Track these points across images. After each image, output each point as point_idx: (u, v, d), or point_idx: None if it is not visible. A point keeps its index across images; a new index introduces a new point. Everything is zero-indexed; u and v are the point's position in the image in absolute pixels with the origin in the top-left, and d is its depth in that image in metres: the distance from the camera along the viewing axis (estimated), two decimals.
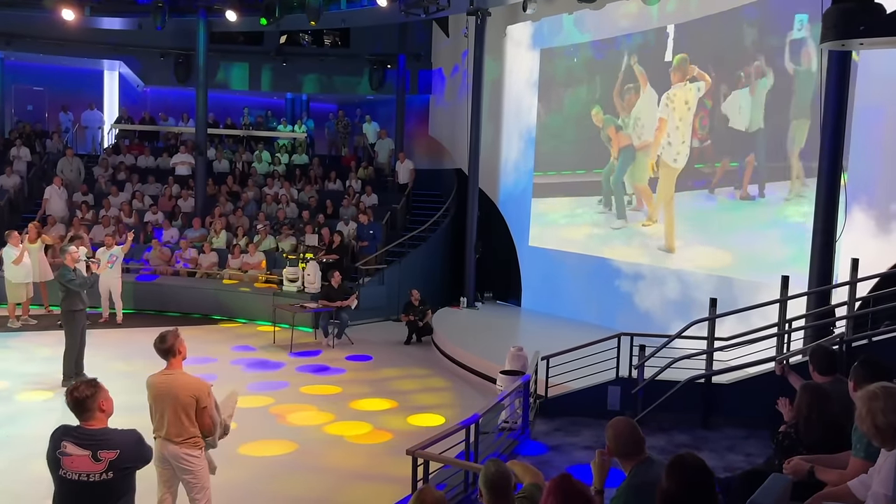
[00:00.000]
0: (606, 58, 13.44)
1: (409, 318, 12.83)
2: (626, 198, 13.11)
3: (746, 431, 7.20)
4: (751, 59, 10.78)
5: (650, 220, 12.64)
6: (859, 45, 2.50)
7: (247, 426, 8.28)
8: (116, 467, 3.65)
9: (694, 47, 11.75)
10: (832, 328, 7.76)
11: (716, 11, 11.34)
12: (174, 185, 17.10)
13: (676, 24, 12.04)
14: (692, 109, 11.68)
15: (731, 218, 11.10)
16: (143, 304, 13.96)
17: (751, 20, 10.82)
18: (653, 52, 12.49)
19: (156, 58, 19.03)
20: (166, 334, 4.85)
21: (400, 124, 18.48)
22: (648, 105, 12.55)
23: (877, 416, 3.07)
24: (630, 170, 12.96)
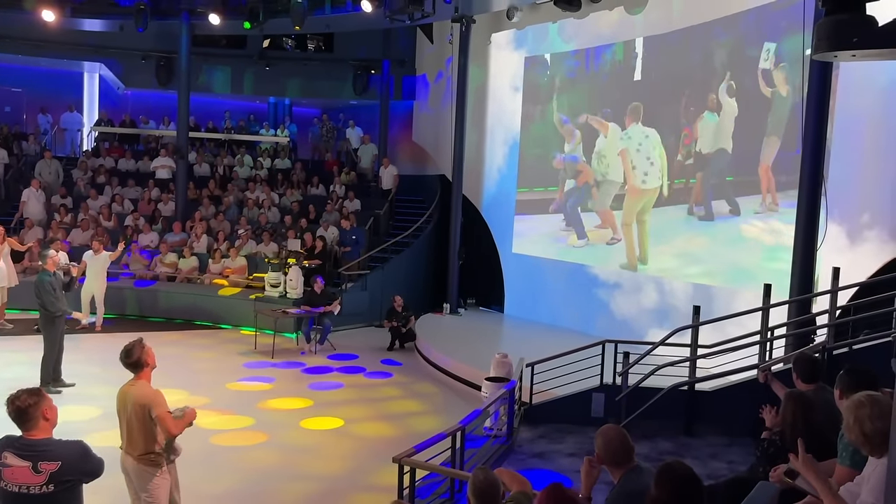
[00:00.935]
0: (591, 67, 13.52)
1: (392, 323, 12.79)
2: (586, 216, 13.47)
3: (729, 439, 7.25)
4: (720, 77, 10.95)
5: (616, 238, 12.89)
6: (851, 56, 2.53)
7: (228, 434, 8.20)
8: (57, 480, 3.49)
9: (666, 63, 11.87)
10: (813, 336, 7.85)
11: (688, 25, 11.46)
12: (154, 188, 16.93)
13: (647, 37, 12.17)
14: (651, 137, 12.07)
15: (707, 231, 11.20)
16: (122, 310, 13.80)
17: (722, 39, 10.94)
18: (627, 67, 12.60)
19: (137, 60, 18.85)
20: (131, 347, 4.63)
21: (383, 130, 18.47)
22: (610, 146, 12.93)
23: (864, 424, 3.09)
24: (595, 199, 13.27)
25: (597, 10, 12.80)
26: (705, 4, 11.22)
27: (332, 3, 14.58)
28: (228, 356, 11.54)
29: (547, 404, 7.99)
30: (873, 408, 3.10)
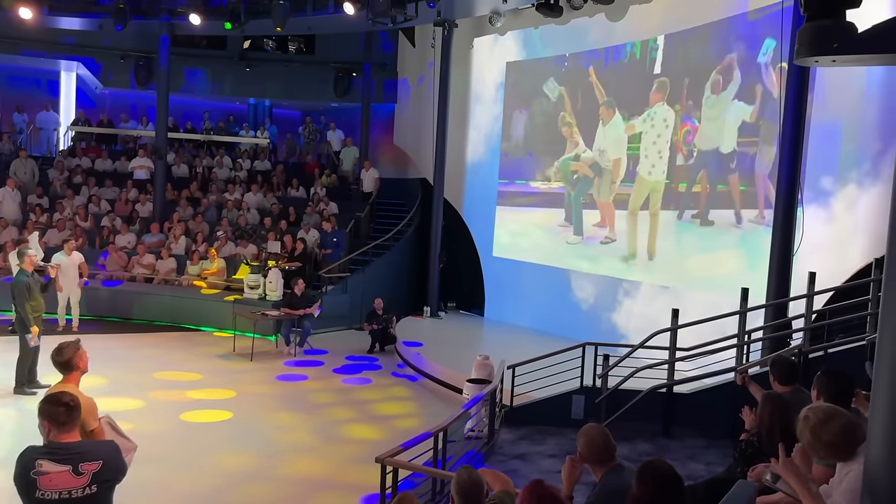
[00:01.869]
0: (572, 72, 13.63)
1: (372, 326, 12.77)
2: (586, 212, 13.29)
3: (706, 441, 7.34)
4: (717, 80, 11.06)
5: (609, 238, 12.86)
6: (832, 61, 2.59)
7: (208, 436, 8.14)
8: (100, 480, 3.43)
9: (646, 68, 12.01)
10: (789, 340, 7.97)
11: (670, 31, 11.60)
12: (132, 189, 16.76)
13: (628, 43, 12.29)
14: (671, 127, 11.74)
15: (694, 235, 11.32)
16: (99, 311, 13.64)
17: (713, 39, 11.09)
18: (620, 68, 12.72)
19: (115, 60, 18.65)
20: (64, 346, 4.31)
21: (365, 132, 18.44)
22: (613, 135, 12.79)
23: (821, 434, 3.14)
24: (596, 186, 13.15)
25: (578, 17, 12.91)
26: (686, 11, 11.36)
27: (315, 5, 14.55)
28: (206, 359, 11.44)
29: (528, 406, 8.04)
30: (818, 413, 3.15)
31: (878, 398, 2.52)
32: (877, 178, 8.63)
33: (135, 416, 8.58)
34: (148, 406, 8.99)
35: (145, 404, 9.03)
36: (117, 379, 9.69)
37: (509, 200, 14.85)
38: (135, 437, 4.41)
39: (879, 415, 2.50)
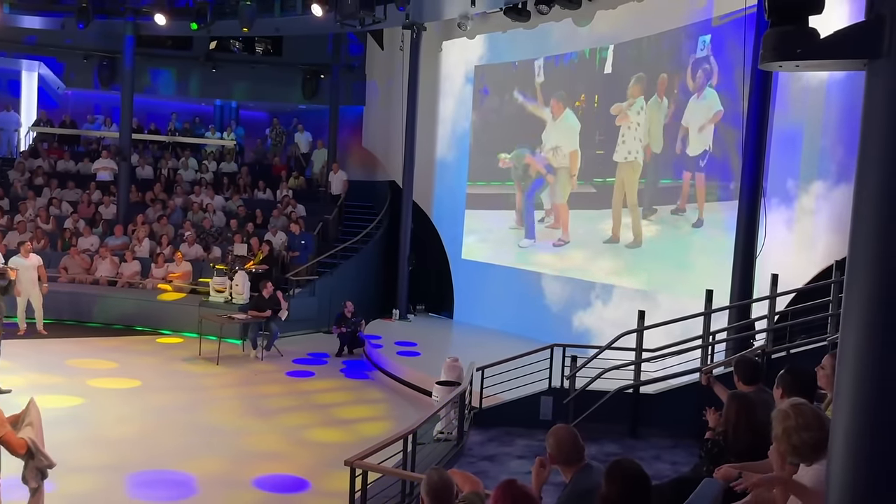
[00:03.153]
0: (540, 76, 13.73)
1: (341, 329, 12.69)
2: (539, 213, 13.51)
3: (672, 441, 7.43)
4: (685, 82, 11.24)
5: (563, 240, 13.02)
6: (795, 66, 2.64)
7: (173, 441, 8.03)
8: None
9: (612, 73, 12.15)
10: (752, 340, 8.11)
11: (648, 34, 11.76)
12: (95, 191, 16.45)
13: (593, 49, 12.43)
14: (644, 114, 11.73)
15: (664, 235, 11.47)
16: (60, 315, 13.34)
17: (672, 44, 11.26)
18: (579, 71, 12.85)
19: (79, 59, 18.28)
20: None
21: (333, 135, 18.32)
22: (565, 131, 12.98)
23: (792, 436, 3.18)
24: (550, 188, 13.29)
25: (545, 21, 13.02)
26: (652, 17, 11.52)
27: (282, 7, 14.44)
28: (170, 363, 11.27)
29: (496, 408, 8.06)
30: (798, 419, 3.18)
31: (840, 398, 2.58)
32: (839, 181, 8.83)
33: (96, 421, 8.43)
34: (111, 410, 8.82)
35: (107, 409, 8.86)
36: (74, 383, 9.51)
37: (478, 203, 14.90)
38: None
39: (841, 414, 2.56)
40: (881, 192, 2.43)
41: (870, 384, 2.45)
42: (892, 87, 2.41)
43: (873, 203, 2.45)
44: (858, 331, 2.49)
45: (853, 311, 2.52)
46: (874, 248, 2.45)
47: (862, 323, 2.48)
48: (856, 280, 2.52)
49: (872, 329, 2.45)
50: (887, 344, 2.42)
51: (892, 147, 2.41)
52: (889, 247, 2.41)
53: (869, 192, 2.47)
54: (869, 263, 2.47)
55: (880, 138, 2.44)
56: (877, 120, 2.45)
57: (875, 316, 2.44)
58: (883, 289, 2.43)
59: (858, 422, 2.48)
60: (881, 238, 2.43)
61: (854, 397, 2.49)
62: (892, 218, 2.41)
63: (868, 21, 2.45)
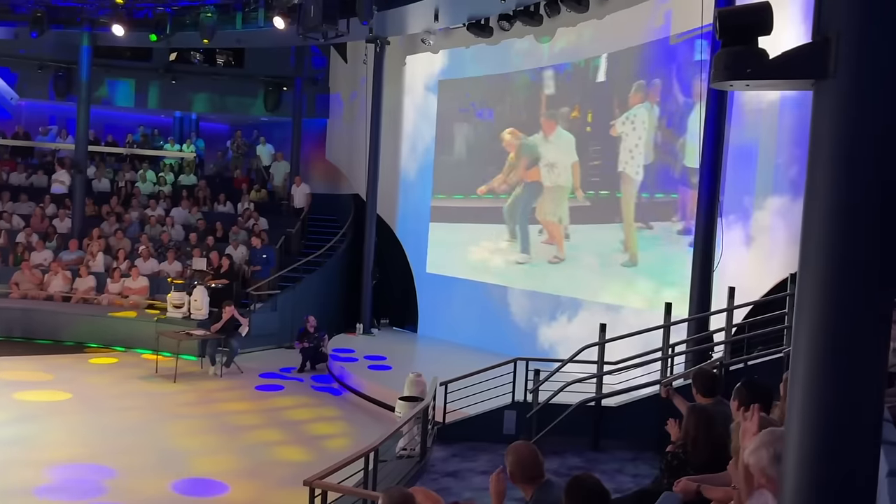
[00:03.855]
0: (503, 91, 13.84)
1: (303, 344, 12.54)
2: (534, 227, 13.08)
3: (633, 453, 7.47)
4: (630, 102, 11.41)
5: (557, 257, 12.64)
6: (746, 86, 2.69)
7: (122, 462, 7.81)
8: None
9: (573, 90, 12.31)
10: (711, 353, 8.23)
11: (612, 51, 11.93)
12: (50, 204, 16.06)
13: (555, 65, 12.58)
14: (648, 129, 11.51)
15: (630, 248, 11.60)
16: (9, 332, 12.95)
17: (637, 62, 11.45)
18: (536, 92, 12.98)
19: (33, 70, 17.88)
20: None
21: (296, 147, 18.19)
22: (562, 148, 12.60)
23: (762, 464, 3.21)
24: (538, 204, 13.01)
25: (508, 38, 13.13)
26: (611, 35, 11.69)
27: (244, 19, 14.32)
28: (126, 381, 11.00)
29: (460, 423, 8.02)
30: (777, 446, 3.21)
31: (792, 408, 2.62)
32: (796, 194, 9.01)
33: (36, 443, 8.18)
34: (57, 431, 8.57)
35: (53, 429, 8.60)
36: (14, 404, 9.23)
37: (443, 216, 14.89)
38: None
39: (794, 425, 2.59)
40: (828, 209, 2.48)
41: (818, 393, 2.51)
42: (838, 107, 2.46)
43: (821, 220, 2.50)
44: (808, 342, 2.54)
45: (803, 323, 2.56)
46: (823, 264, 2.50)
47: (811, 335, 2.53)
48: (806, 294, 2.56)
49: (821, 341, 2.50)
50: (835, 355, 2.47)
51: (838, 165, 2.46)
52: (837, 262, 2.46)
53: (817, 209, 2.52)
54: (818, 278, 2.51)
55: (827, 157, 2.49)
56: (824, 139, 2.50)
57: (823, 329, 2.49)
58: (831, 302, 2.48)
59: (809, 428, 2.53)
60: (829, 254, 2.48)
61: (805, 405, 2.54)
62: (839, 234, 2.46)
63: (815, 42, 2.51)
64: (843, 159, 2.45)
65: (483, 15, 12.66)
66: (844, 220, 2.44)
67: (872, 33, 2.43)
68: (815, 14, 2.55)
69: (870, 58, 2.43)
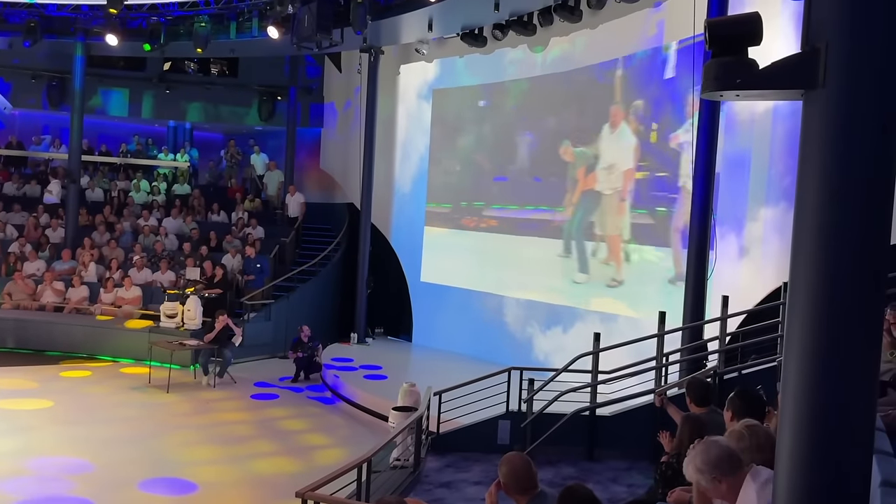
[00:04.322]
0: (496, 101, 13.87)
1: (297, 354, 12.49)
2: (590, 246, 12.02)
3: (628, 463, 7.45)
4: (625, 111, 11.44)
5: (616, 280, 11.46)
6: (735, 96, 2.69)
7: (114, 474, 7.75)
8: None
9: (564, 100, 12.35)
10: (705, 362, 8.22)
11: (588, 63, 11.97)
12: (43, 214, 16.00)
13: (548, 74, 12.62)
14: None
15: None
16: (3, 342, 12.87)
17: (629, 70, 11.49)
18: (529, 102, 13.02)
19: (26, 79, 17.87)
20: None
21: (290, 156, 18.19)
22: (620, 146, 11.43)
23: (745, 457, 3.21)
24: (597, 217, 11.90)
25: (501, 47, 13.17)
26: (604, 44, 11.74)
27: (238, 29, 14.33)
28: (120, 392, 10.94)
29: (454, 433, 7.99)
30: (752, 440, 3.22)
31: (785, 416, 2.61)
32: (790, 204, 9.03)
33: (28, 453, 8.12)
34: (50, 441, 8.51)
35: (46, 439, 8.54)
36: (13, 414, 9.17)
37: (438, 224, 14.88)
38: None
39: (786, 433, 2.59)
40: (818, 217, 2.48)
41: (809, 401, 2.51)
42: (827, 117, 2.47)
43: (811, 228, 2.51)
44: (799, 350, 2.54)
45: (794, 332, 2.56)
46: (813, 274, 2.50)
47: (802, 343, 2.53)
48: (796, 304, 2.56)
49: (812, 348, 2.50)
50: (826, 364, 2.47)
51: (828, 175, 2.47)
52: (826, 271, 2.46)
53: (807, 218, 2.52)
54: (808, 288, 2.51)
55: (817, 166, 2.50)
56: (813, 148, 2.51)
57: (814, 337, 2.49)
58: (822, 311, 2.48)
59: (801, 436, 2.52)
60: (819, 264, 2.48)
61: (798, 413, 2.54)
62: (828, 244, 2.46)
63: (804, 52, 2.52)
64: (833, 169, 2.46)
65: (477, 25, 12.70)
66: (833, 229, 2.44)
67: (861, 43, 2.44)
68: (803, 24, 2.56)
69: (859, 67, 2.43)
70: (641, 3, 10.73)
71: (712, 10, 8.32)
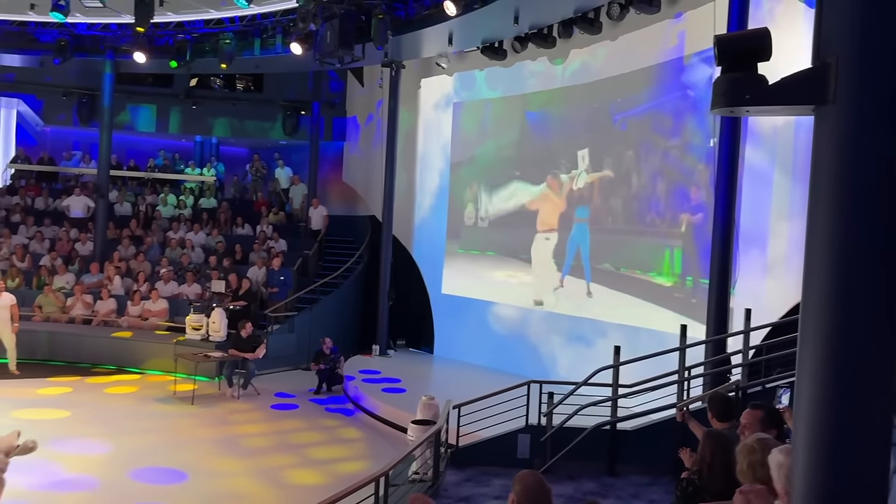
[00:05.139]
0: (514, 113, 13.90)
1: (319, 366, 12.56)
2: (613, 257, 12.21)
3: (650, 478, 7.37)
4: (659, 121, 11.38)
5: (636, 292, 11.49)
6: (745, 112, 2.69)
7: (142, 485, 7.85)
8: None
9: (586, 112, 12.32)
10: (729, 375, 8.11)
11: (607, 76, 11.95)
12: (73, 228, 16.32)
13: (567, 87, 12.61)
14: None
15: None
16: (34, 353, 13.11)
17: (653, 81, 11.45)
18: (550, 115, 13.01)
19: (58, 97, 18.30)
20: None
21: (313, 170, 18.38)
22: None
23: (757, 470, 3.17)
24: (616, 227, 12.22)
25: (521, 59, 13.20)
26: (624, 56, 11.71)
27: (262, 45, 14.54)
28: (145, 403, 11.08)
29: (473, 446, 7.96)
30: (764, 453, 3.18)
31: (798, 430, 2.58)
32: None
33: (59, 463, 8.24)
34: (76, 451, 8.63)
35: (72, 450, 8.67)
36: (41, 423, 9.32)
37: (460, 236, 14.91)
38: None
39: (800, 444, 2.56)
40: (830, 232, 2.46)
41: (824, 416, 2.48)
42: (838, 132, 2.45)
43: (823, 243, 2.49)
44: (814, 364, 2.51)
45: (808, 345, 2.54)
46: (826, 289, 2.48)
47: (816, 356, 2.50)
48: (809, 318, 2.54)
49: (826, 361, 2.47)
50: (838, 377, 2.44)
51: (839, 190, 2.45)
52: (839, 286, 2.44)
53: (819, 233, 2.51)
54: (821, 303, 2.49)
55: (829, 181, 2.48)
56: (825, 164, 2.50)
57: (828, 348, 2.46)
58: (835, 325, 2.45)
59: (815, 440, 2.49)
60: (831, 279, 2.46)
61: (812, 427, 2.51)
62: (840, 259, 2.44)
63: (814, 68, 2.50)
64: (845, 185, 2.44)
65: (497, 38, 12.75)
66: (846, 245, 2.42)
67: (872, 57, 2.42)
68: (814, 39, 2.55)
69: (870, 82, 2.42)
70: (662, 15, 10.70)
71: (732, 21, 8.29)
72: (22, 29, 14.94)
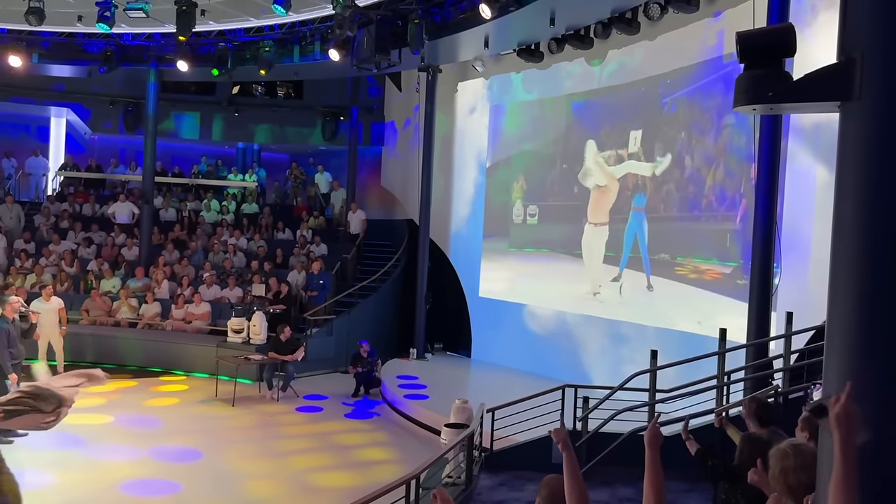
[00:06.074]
0: (553, 115, 13.80)
1: (357, 369, 12.65)
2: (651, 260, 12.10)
3: (688, 484, 7.21)
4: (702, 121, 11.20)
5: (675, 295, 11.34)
6: (769, 109, 2.62)
7: (179, 485, 7.99)
8: None
9: (623, 112, 12.17)
10: (771, 380, 7.92)
11: (657, 73, 11.78)
12: (121, 234, 16.76)
13: (604, 87, 12.46)
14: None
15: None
16: (81, 356, 13.49)
17: (695, 81, 11.26)
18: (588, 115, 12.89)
19: (104, 105, 18.84)
20: None
21: (352, 175, 18.56)
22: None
23: (789, 476, 3.09)
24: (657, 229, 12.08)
25: (559, 61, 13.12)
26: (663, 56, 11.55)
27: (301, 52, 14.75)
28: (187, 405, 11.30)
29: (507, 450, 7.93)
30: (797, 459, 3.09)
31: (825, 436, 2.51)
32: None
33: (104, 462, 8.45)
34: (123, 452, 8.84)
35: (119, 450, 8.88)
36: (86, 427, 9.57)
37: (497, 240, 14.86)
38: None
39: (825, 451, 2.49)
40: (857, 232, 2.38)
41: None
42: (863, 129, 2.37)
43: (850, 243, 2.41)
44: (840, 367, 2.43)
45: (834, 348, 2.46)
46: (853, 289, 2.40)
47: (842, 362, 2.43)
48: (835, 317, 2.46)
49: (855, 363, 2.39)
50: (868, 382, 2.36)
51: (865, 189, 2.37)
52: (867, 288, 2.36)
53: (845, 233, 2.43)
54: (847, 302, 2.41)
55: (855, 180, 2.40)
56: (851, 162, 2.42)
57: (855, 352, 2.38)
58: (861, 327, 2.37)
59: None
60: (858, 280, 2.38)
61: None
62: (867, 261, 2.35)
63: (839, 63, 2.42)
64: (871, 184, 2.36)
65: (533, 40, 12.70)
66: (873, 246, 2.34)
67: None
68: (839, 33, 2.47)
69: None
70: (700, 14, 10.53)
71: (772, 17, 8.09)
72: (70, 40, 15.43)
